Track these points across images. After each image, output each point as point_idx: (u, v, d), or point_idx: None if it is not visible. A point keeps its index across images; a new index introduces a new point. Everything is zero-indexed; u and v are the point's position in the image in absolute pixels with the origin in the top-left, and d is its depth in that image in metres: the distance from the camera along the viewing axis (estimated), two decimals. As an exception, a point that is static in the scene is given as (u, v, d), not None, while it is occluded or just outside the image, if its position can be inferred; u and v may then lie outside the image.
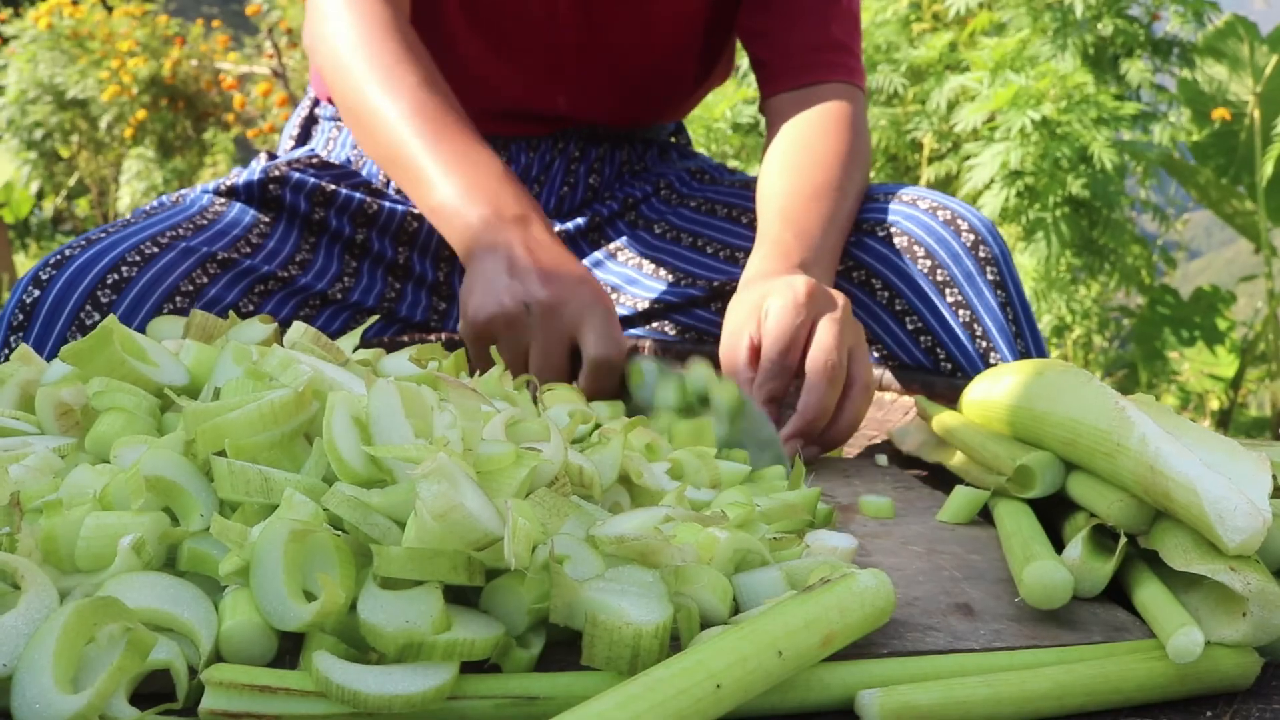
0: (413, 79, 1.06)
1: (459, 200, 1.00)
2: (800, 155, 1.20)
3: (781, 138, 1.23)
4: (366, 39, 1.08)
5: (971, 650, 0.55)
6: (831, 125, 1.22)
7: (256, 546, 0.50)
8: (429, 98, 1.05)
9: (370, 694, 0.45)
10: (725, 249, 1.28)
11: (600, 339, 0.92)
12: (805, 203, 1.13)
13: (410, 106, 1.04)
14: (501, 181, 1.01)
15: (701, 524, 0.59)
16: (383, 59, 1.07)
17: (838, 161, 1.18)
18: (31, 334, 1.03)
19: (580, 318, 0.93)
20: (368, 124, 1.07)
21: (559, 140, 1.32)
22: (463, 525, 0.49)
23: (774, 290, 0.96)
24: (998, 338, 1.15)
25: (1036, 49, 2.96)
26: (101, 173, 6.64)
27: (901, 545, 0.71)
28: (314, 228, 1.22)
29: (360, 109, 1.07)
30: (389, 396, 0.57)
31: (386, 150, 1.06)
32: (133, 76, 6.24)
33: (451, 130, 1.04)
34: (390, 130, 1.04)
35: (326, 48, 1.11)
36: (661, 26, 1.29)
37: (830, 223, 1.13)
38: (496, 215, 0.98)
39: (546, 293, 0.92)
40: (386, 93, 1.05)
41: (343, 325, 1.21)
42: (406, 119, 1.04)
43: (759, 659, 0.48)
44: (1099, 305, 3.24)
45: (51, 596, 0.48)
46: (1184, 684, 0.53)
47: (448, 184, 1.01)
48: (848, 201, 1.17)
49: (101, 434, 0.62)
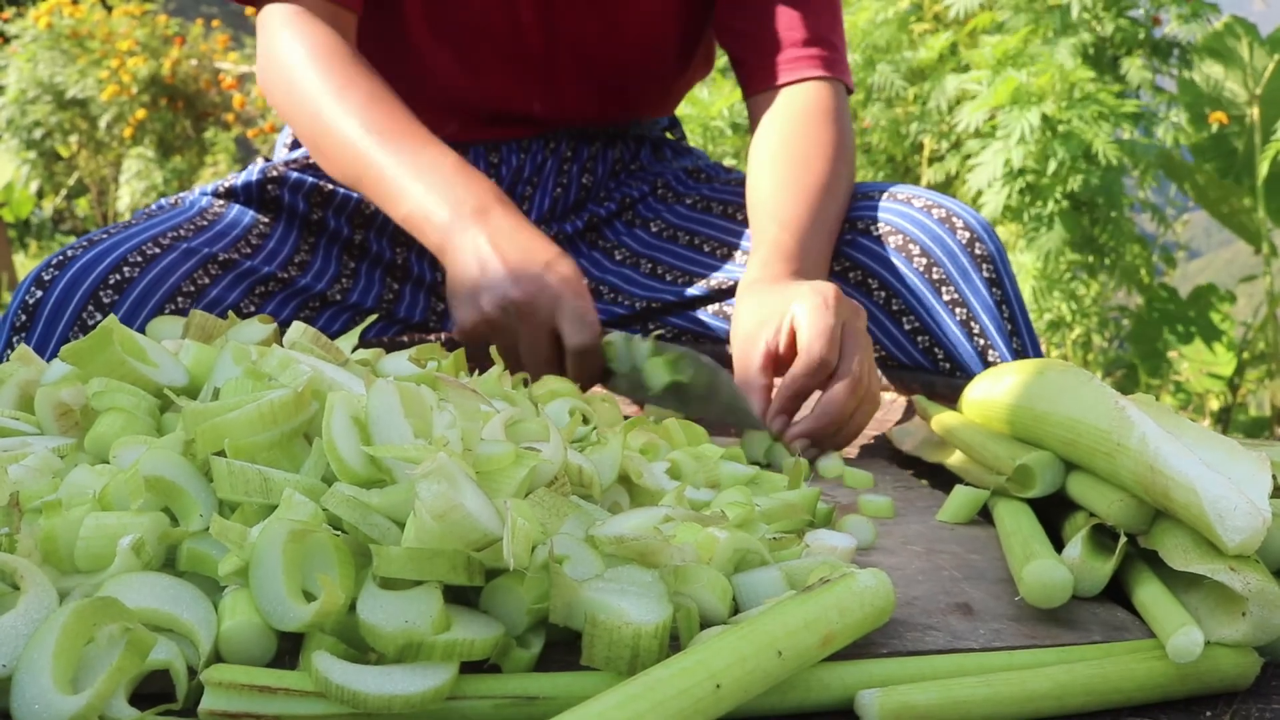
0: (361, 97, 1.08)
1: (422, 207, 1.02)
2: (786, 154, 1.20)
3: (765, 138, 1.23)
4: (313, 65, 1.10)
5: (971, 650, 0.55)
6: (814, 124, 1.22)
7: (256, 547, 0.50)
8: (377, 112, 1.07)
9: (369, 694, 0.45)
10: (722, 247, 1.28)
11: (575, 328, 0.95)
12: (797, 204, 1.14)
13: (361, 124, 1.06)
14: (456, 176, 1.03)
15: (701, 524, 0.59)
16: (330, 84, 1.09)
17: (823, 160, 1.19)
18: (34, 334, 1.03)
19: (555, 308, 0.95)
20: (325, 149, 1.09)
21: (550, 141, 1.32)
22: (462, 525, 0.49)
23: (800, 295, 0.96)
24: (995, 335, 1.15)
25: (1037, 48, 2.96)
26: (101, 172, 6.63)
27: (901, 545, 0.71)
28: (312, 228, 1.23)
29: (316, 135, 1.10)
30: (388, 396, 0.57)
31: (348, 171, 1.08)
32: (132, 76, 6.24)
33: (401, 139, 1.06)
34: (346, 151, 1.07)
35: (277, 79, 1.13)
36: (630, 30, 1.28)
37: (822, 225, 1.14)
38: (457, 214, 1.00)
39: (518, 291, 0.95)
40: (337, 116, 1.07)
41: (343, 326, 1.21)
42: (360, 137, 1.06)
43: (758, 659, 0.48)
44: (1098, 305, 3.24)
45: (51, 597, 0.48)
46: (1184, 684, 0.53)
47: (409, 194, 1.03)
48: (836, 201, 1.17)
49: (101, 434, 0.62)
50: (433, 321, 1.29)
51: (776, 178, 1.17)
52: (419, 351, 0.79)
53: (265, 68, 1.15)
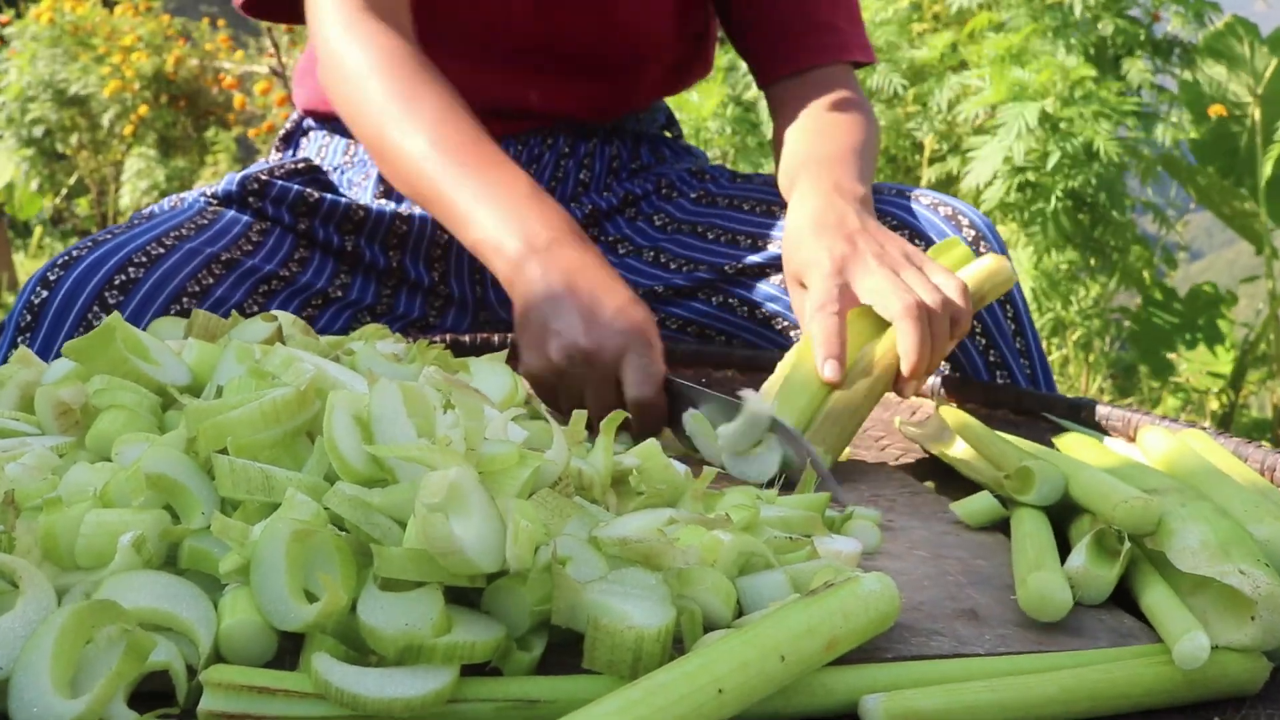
0: (430, 111, 1.03)
1: (493, 236, 0.98)
2: (814, 127, 1.22)
3: (788, 120, 1.25)
4: (379, 73, 1.05)
5: (976, 655, 0.55)
6: (834, 107, 1.24)
7: (258, 545, 0.49)
8: (448, 128, 1.02)
9: (369, 697, 0.45)
10: (726, 234, 1.28)
11: (636, 380, 0.90)
12: (830, 148, 1.15)
13: (429, 141, 1.01)
14: (529, 203, 0.99)
15: (706, 527, 0.58)
16: (398, 93, 1.04)
17: (850, 131, 1.20)
18: (39, 335, 1.03)
19: (620, 358, 0.91)
20: (393, 163, 1.05)
21: (547, 136, 1.32)
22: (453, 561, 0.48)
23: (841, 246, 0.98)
24: (996, 335, 1.16)
25: (1038, 47, 2.96)
26: (102, 171, 6.63)
27: (907, 549, 0.70)
28: (301, 237, 1.22)
29: (384, 148, 1.05)
30: (391, 395, 0.57)
31: (416, 190, 1.04)
32: (135, 71, 6.23)
33: (474, 158, 1.01)
34: (415, 169, 1.02)
35: (340, 88, 1.09)
36: (625, 23, 1.28)
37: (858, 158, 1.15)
38: (528, 246, 0.96)
39: (586, 341, 0.91)
40: (406, 130, 1.02)
41: (345, 323, 1.20)
42: (427, 156, 1.01)
43: (762, 663, 0.48)
44: (1099, 306, 3.23)
45: (49, 598, 0.48)
46: (1191, 689, 0.53)
47: (478, 220, 0.99)
48: (870, 152, 1.19)
49: (102, 431, 0.62)
50: (432, 316, 1.28)
51: (804, 143, 1.19)
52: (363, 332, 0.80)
53: (328, 75, 1.11)
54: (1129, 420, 0.94)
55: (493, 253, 0.98)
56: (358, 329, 0.90)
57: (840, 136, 1.18)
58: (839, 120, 1.22)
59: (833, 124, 1.21)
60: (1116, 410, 0.96)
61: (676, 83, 1.44)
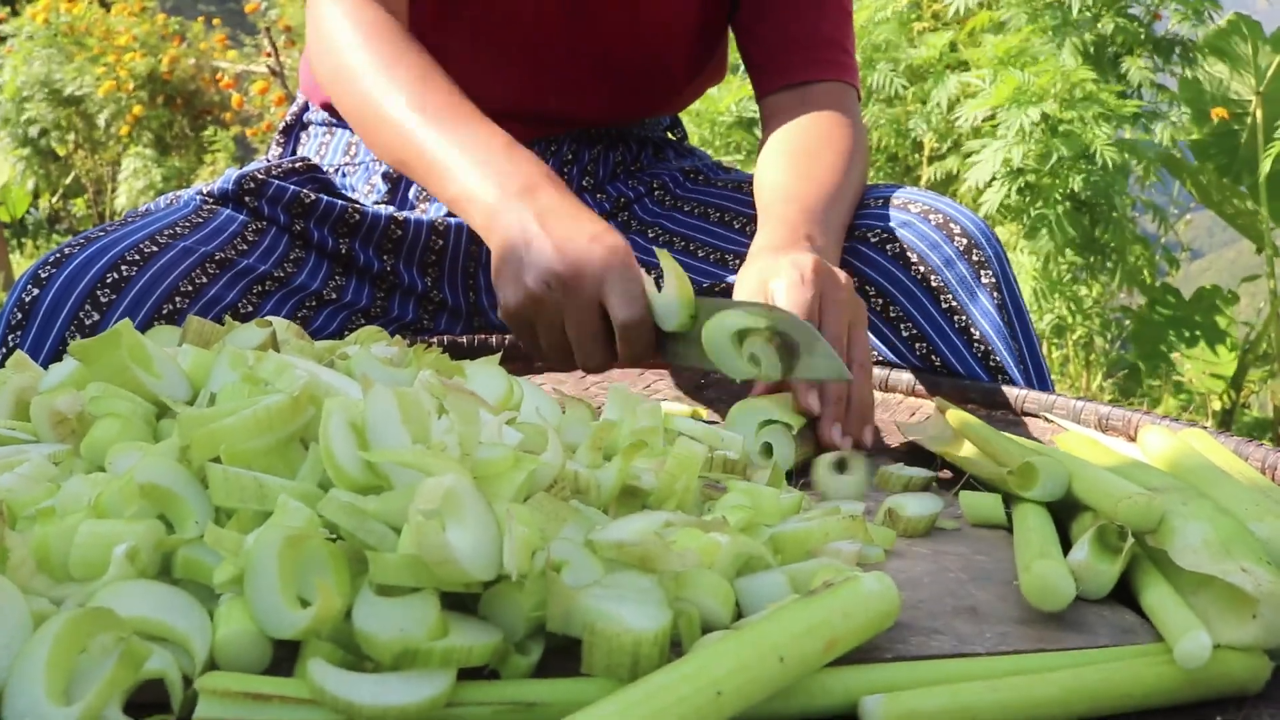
0: (408, 75, 1.05)
1: (468, 188, 0.98)
2: (797, 147, 1.20)
3: (776, 134, 1.23)
4: (362, 43, 1.08)
5: (977, 654, 0.55)
6: (825, 122, 1.22)
7: (251, 554, 0.49)
8: (426, 87, 1.04)
9: (365, 704, 0.45)
10: (715, 252, 1.28)
11: (622, 302, 0.90)
12: (803, 183, 1.13)
13: (408, 101, 1.03)
14: (504, 154, 0.99)
15: (703, 529, 0.58)
16: (378, 61, 1.06)
17: (835, 154, 1.18)
18: (30, 333, 1.02)
19: (601, 282, 0.90)
20: (374, 128, 1.06)
21: (551, 144, 1.31)
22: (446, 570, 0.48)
23: (780, 270, 0.95)
24: (995, 340, 1.15)
25: (1037, 47, 2.95)
26: (98, 171, 6.62)
27: (906, 546, 0.70)
28: (297, 237, 1.21)
29: (363, 114, 1.07)
30: (385, 402, 0.57)
31: (395, 152, 1.05)
32: (129, 72, 6.23)
33: (450, 117, 1.02)
34: (393, 130, 1.04)
35: (327, 60, 1.11)
36: (652, 23, 1.28)
37: (834, 202, 1.12)
38: (503, 192, 0.96)
39: (562, 266, 0.90)
40: (385, 93, 1.04)
41: (340, 324, 1.20)
42: (407, 115, 1.03)
43: (760, 665, 0.47)
44: (1100, 306, 3.23)
45: (20, 610, 0.47)
46: (1193, 688, 0.52)
47: (455, 174, 0.99)
48: (850, 191, 1.16)
49: (97, 440, 0.61)
50: (425, 320, 1.28)
51: (784, 165, 1.17)
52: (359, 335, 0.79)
53: (315, 49, 1.13)
54: (1129, 420, 0.94)
55: (469, 203, 0.98)
56: (352, 331, 0.90)
57: (821, 173, 1.15)
58: (824, 151, 1.19)
59: (818, 152, 1.19)
60: (1116, 410, 0.96)
61: (691, 91, 1.44)
